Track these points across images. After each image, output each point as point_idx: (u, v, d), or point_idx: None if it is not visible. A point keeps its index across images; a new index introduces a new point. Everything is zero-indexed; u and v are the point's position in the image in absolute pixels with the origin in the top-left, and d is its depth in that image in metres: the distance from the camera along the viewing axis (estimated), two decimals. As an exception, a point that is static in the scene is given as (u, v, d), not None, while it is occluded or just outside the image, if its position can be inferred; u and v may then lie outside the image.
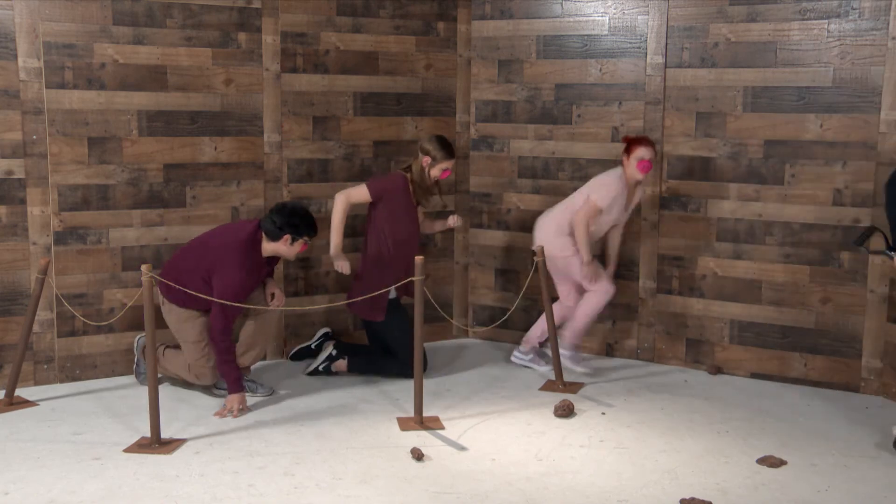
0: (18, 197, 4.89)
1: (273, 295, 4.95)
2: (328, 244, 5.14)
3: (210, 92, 5.25)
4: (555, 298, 5.37)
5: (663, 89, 5.38)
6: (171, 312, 4.81)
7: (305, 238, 4.75)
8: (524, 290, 5.43)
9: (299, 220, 4.71)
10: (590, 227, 5.18)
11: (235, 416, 4.59)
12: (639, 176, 5.11)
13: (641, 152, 5.06)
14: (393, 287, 5.06)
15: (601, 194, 5.13)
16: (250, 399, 4.81)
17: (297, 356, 5.53)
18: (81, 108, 4.98)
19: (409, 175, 5.13)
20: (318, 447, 4.21)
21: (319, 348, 5.49)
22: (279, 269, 5.51)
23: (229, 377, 4.65)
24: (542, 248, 5.07)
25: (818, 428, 4.54)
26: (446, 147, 5.08)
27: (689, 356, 5.52)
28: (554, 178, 5.75)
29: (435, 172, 5.08)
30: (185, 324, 4.77)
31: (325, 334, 5.57)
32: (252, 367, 5.11)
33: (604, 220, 5.24)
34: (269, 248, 4.75)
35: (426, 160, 5.07)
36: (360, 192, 5.06)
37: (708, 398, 4.98)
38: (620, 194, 5.15)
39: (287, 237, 4.70)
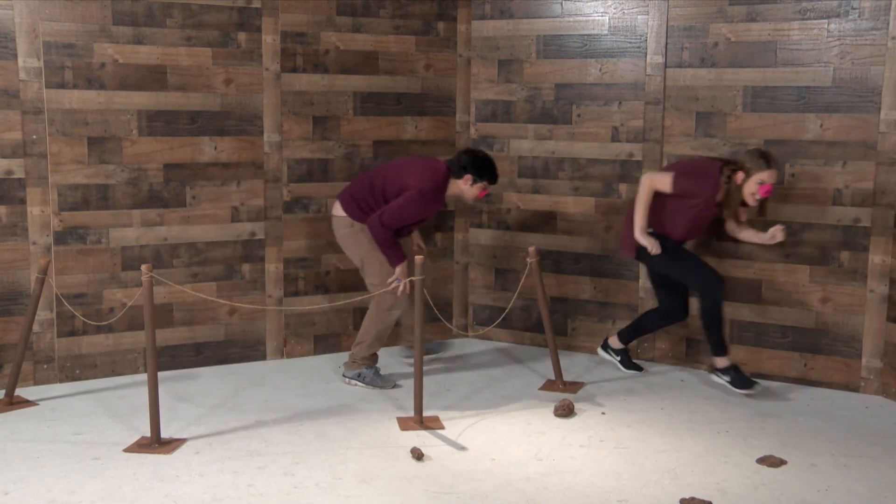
0: (18, 197, 4.89)
1: (420, 247, 5.36)
2: (329, 244, 5.13)
3: (210, 92, 5.25)
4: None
5: (663, 89, 5.38)
6: (362, 233, 5.00)
7: (485, 183, 4.99)
8: (518, 290, 5.42)
9: (482, 164, 4.98)
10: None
11: (402, 288, 4.90)
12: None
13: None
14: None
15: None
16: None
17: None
18: (81, 108, 4.98)
19: (723, 183, 4.84)
20: (318, 447, 4.21)
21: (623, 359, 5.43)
22: (279, 268, 5.51)
23: (389, 254, 4.91)
24: (536, 248, 5.05)
25: (818, 428, 4.54)
26: (764, 157, 4.79)
27: (689, 356, 5.52)
28: (554, 177, 5.75)
29: (751, 188, 4.78)
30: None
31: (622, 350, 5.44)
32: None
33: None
34: (453, 187, 5.02)
35: (739, 175, 4.79)
36: (663, 182, 4.91)
37: (708, 398, 4.98)
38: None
39: (468, 177, 4.96)
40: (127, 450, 4.15)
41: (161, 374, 4.95)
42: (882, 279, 4.96)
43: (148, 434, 4.25)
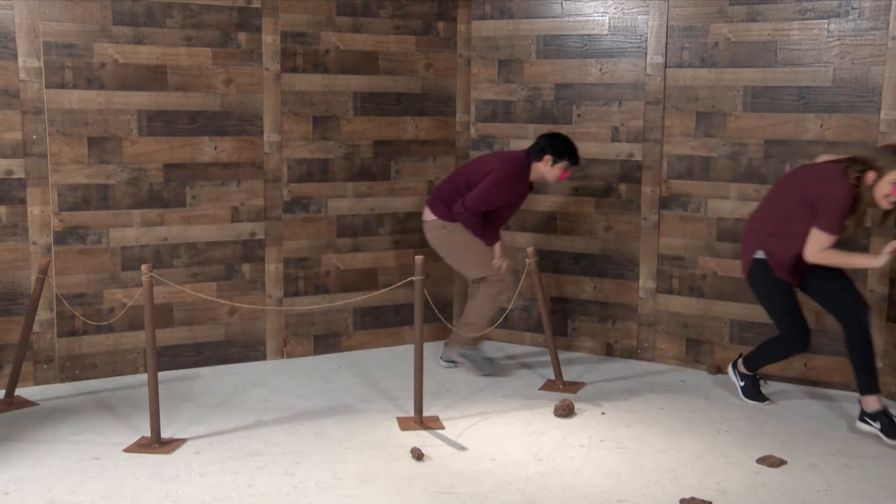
0: (18, 197, 4.89)
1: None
2: (329, 244, 5.12)
3: (210, 92, 5.25)
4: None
5: (663, 89, 5.38)
6: (456, 232, 5.15)
7: (566, 162, 5.06)
8: (517, 291, 5.42)
9: (560, 143, 5.05)
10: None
11: (505, 266, 5.15)
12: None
13: None
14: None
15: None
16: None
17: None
18: (81, 108, 4.98)
19: (855, 186, 4.27)
20: (318, 447, 4.21)
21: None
22: (279, 268, 5.51)
23: (484, 235, 5.11)
24: (535, 249, 5.05)
25: (818, 428, 4.54)
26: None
27: (689, 356, 5.52)
28: (554, 177, 5.75)
29: (884, 189, 4.20)
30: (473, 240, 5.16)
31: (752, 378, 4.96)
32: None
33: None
34: (535, 171, 5.11)
35: (870, 175, 4.23)
36: (824, 243, 4.31)
37: (708, 398, 4.98)
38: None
39: (548, 157, 5.04)
40: (127, 450, 4.15)
41: (161, 374, 4.96)
42: (882, 279, 4.96)
43: (148, 434, 4.25)
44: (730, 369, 4.99)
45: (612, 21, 5.49)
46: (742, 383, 4.91)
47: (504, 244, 5.27)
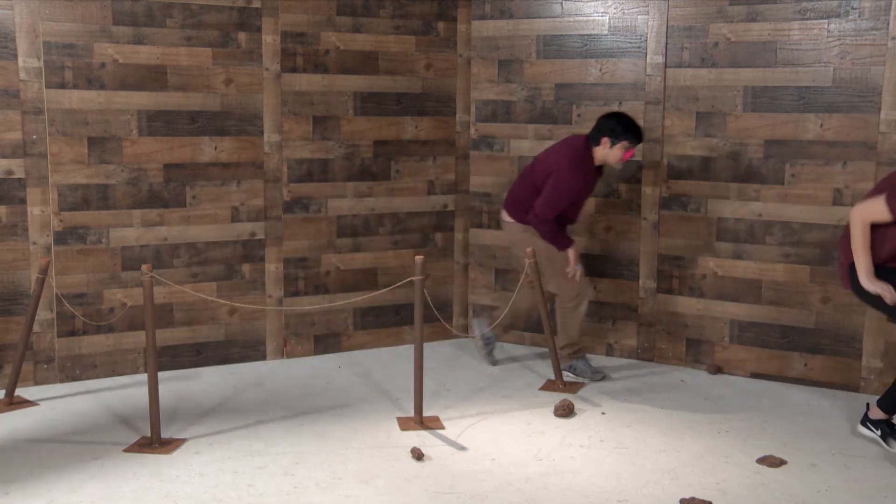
0: (18, 197, 4.89)
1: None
2: (329, 244, 5.12)
3: (210, 92, 5.25)
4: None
5: (663, 89, 5.38)
6: (537, 235, 5.06)
7: (625, 142, 4.89)
8: (517, 291, 5.42)
9: (616, 124, 4.89)
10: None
11: (579, 274, 5.09)
12: None
13: None
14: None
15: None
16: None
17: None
18: (81, 108, 4.98)
19: None
20: (318, 447, 4.21)
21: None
22: (279, 268, 5.51)
23: (557, 242, 5.02)
24: (534, 249, 5.04)
25: (818, 428, 4.54)
26: None
27: (689, 356, 5.52)
28: (554, 177, 5.75)
29: None
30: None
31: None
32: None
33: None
34: (597, 155, 4.98)
35: None
36: (877, 211, 3.99)
37: (708, 398, 4.98)
38: None
39: (606, 140, 4.91)
40: (127, 450, 4.15)
41: (161, 374, 4.96)
42: (882, 279, 4.96)
43: (148, 434, 4.25)
44: (861, 429, 4.39)
45: (612, 21, 5.49)
46: (878, 431, 4.31)
47: (576, 250, 5.12)
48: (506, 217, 5.26)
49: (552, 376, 5.20)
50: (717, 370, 5.39)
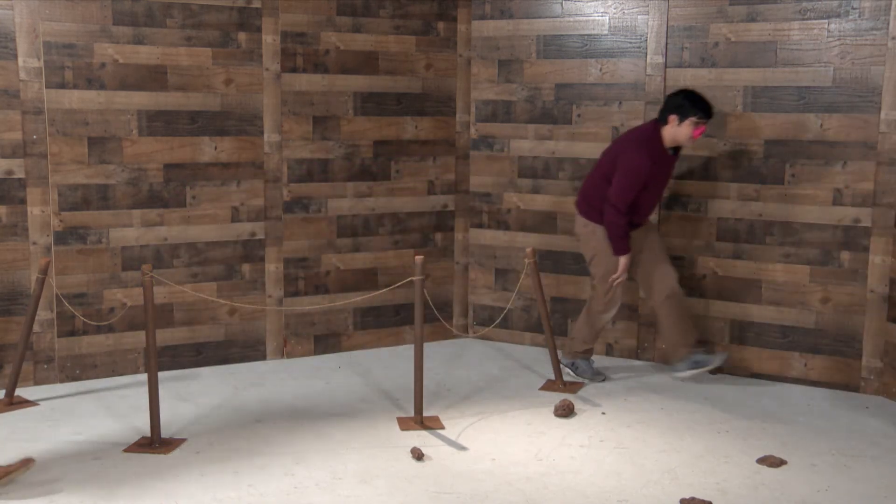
0: (18, 197, 4.89)
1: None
2: (329, 244, 5.12)
3: (210, 92, 5.25)
4: None
5: (663, 89, 5.38)
6: (598, 231, 4.96)
7: (693, 118, 4.69)
8: (517, 291, 5.43)
9: (684, 99, 4.70)
10: None
11: (618, 280, 4.93)
12: None
13: None
14: None
15: None
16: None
17: None
18: (81, 108, 4.98)
19: None
20: (318, 447, 4.21)
21: None
22: (279, 268, 5.51)
23: (616, 244, 4.86)
24: (533, 249, 5.03)
25: (818, 428, 4.54)
26: None
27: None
28: (554, 177, 5.75)
29: None
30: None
31: None
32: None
33: None
34: (666, 136, 4.79)
35: None
36: None
37: (708, 398, 4.98)
38: None
39: (673, 118, 4.73)
40: (127, 450, 4.15)
41: (161, 374, 4.96)
42: (882, 279, 4.96)
43: (148, 434, 4.25)
44: None
45: (612, 21, 5.49)
46: None
47: (627, 262, 4.96)
48: (577, 212, 5.18)
49: (552, 376, 5.20)
50: (718, 370, 5.39)
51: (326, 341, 5.73)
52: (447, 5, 5.80)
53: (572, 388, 5.10)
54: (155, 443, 4.19)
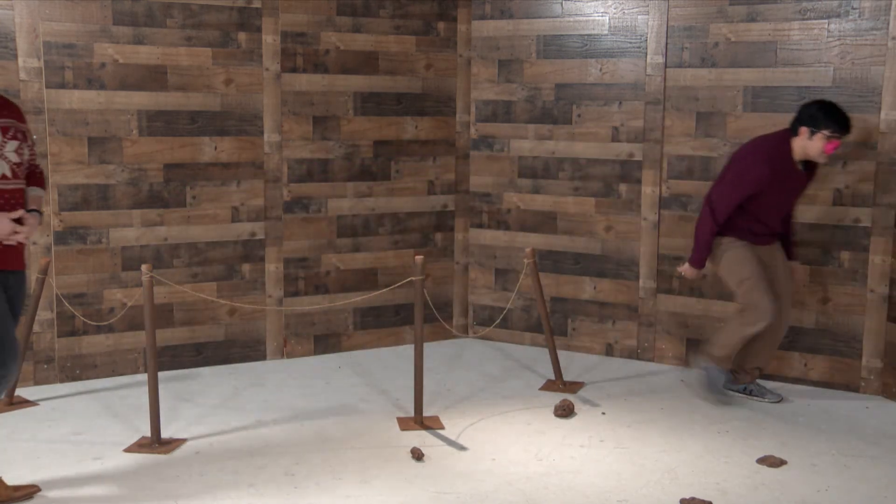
0: (18, 197, 4.88)
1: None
2: (329, 244, 5.12)
3: (210, 92, 5.25)
4: None
5: (663, 89, 5.38)
6: (718, 247, 4.63)
7: (826, 132, 4.34)
8: (517, 291, 5.43)
9: (817, 110, 4.36)
10: None
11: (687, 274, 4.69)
12: None
13: None
14: None
15: None
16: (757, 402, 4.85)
17: None
18: (81, 108, 4.98)
19: None
20: (318, 447, 4.21)
21: None
22: (279, 268, 5.51)
23: (695, 252, 4.61)
24: (532, 249, 5.03)
25: (818, 428, 4.54)
26: None
27: (689, 356, 5.51)
28: (554, 178, 5.75)
29: None
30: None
31: None
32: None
33: None
34: (796, 148, 4.44)
35: None
36: None
37: (708, 398, 4.97)
38: None
39: (804, 130, 4.39)
40: (127, 450, 4.15)
41: (161, 374, 4.96)
42: (882, 279, 4.96)
43: (148, 434, 4.25)
44: None
45: (612, 21, 5.49)
46: None
47: (692, 272, 4.73)
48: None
49: (552, 376, 5.20)
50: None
51: (326, 341, 5.74)
52: (447, 5, 5.80)
53: (572, 388, 5.10)
54: (155, 443, 4.19)
